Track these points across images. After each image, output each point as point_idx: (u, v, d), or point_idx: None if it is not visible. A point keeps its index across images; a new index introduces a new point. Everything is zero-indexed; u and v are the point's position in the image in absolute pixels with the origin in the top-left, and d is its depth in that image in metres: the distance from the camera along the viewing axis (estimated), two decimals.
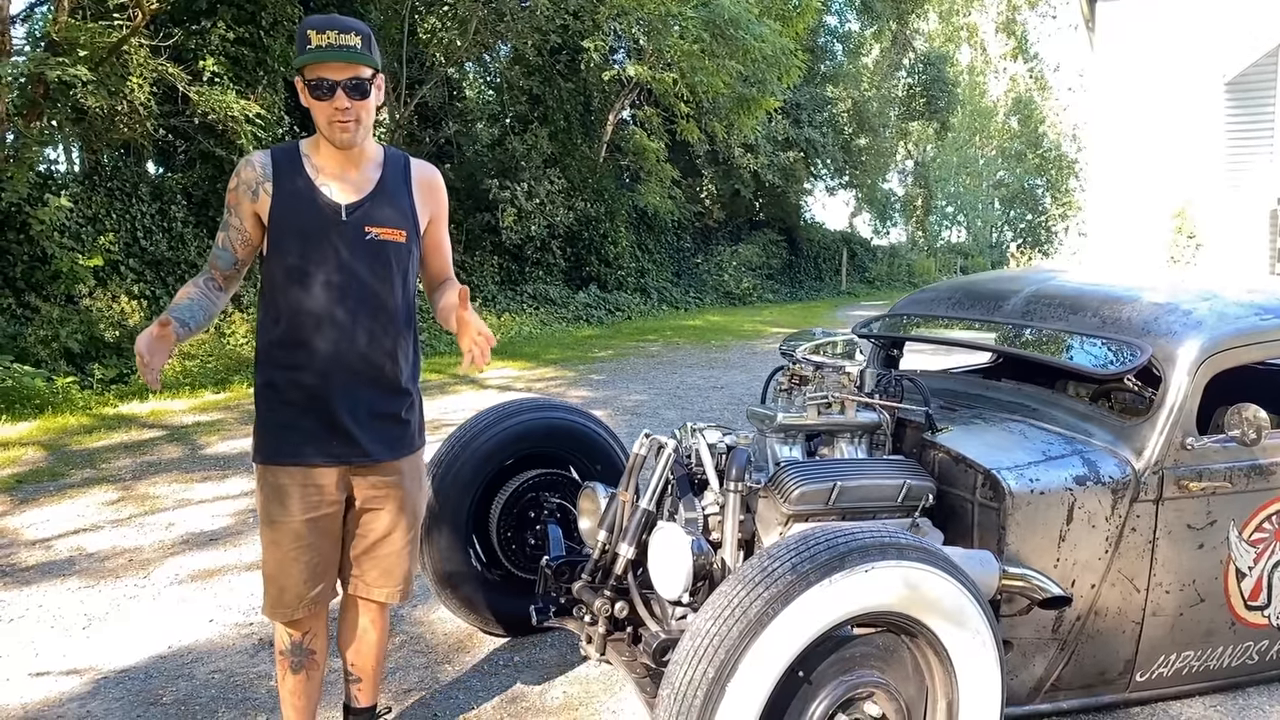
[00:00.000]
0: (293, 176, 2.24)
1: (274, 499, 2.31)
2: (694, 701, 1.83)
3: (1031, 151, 43.99)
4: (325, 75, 2.14)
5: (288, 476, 2.29)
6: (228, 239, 2.30)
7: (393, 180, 2.33)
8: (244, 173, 2.26)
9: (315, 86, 2.15)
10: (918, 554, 2.01)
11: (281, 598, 2.35)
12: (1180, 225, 13.21)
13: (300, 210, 2.23)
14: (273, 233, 2.25)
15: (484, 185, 16.34)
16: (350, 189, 2.27)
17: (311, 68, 2.14)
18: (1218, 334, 2.74)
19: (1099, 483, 2.62)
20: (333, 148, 2.24)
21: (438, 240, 2.49)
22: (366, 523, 2.41)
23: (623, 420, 7.42)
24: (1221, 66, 12.42)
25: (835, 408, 2.79)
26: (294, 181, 2.24)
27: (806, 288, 26.99)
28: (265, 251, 2.30)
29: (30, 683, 3.15)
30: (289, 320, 2.25)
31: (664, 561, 2.42)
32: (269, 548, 2.34)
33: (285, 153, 2.29)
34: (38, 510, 5.06)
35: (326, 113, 2.17)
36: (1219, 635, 2.87)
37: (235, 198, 2.27)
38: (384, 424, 2.34)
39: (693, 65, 15.51)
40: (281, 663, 2.46)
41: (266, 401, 2.32)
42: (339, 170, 2.27)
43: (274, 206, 2.23)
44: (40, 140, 10.23)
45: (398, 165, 2.36)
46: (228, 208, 2.29)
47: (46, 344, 9.14)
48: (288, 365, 2.27)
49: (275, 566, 2.34)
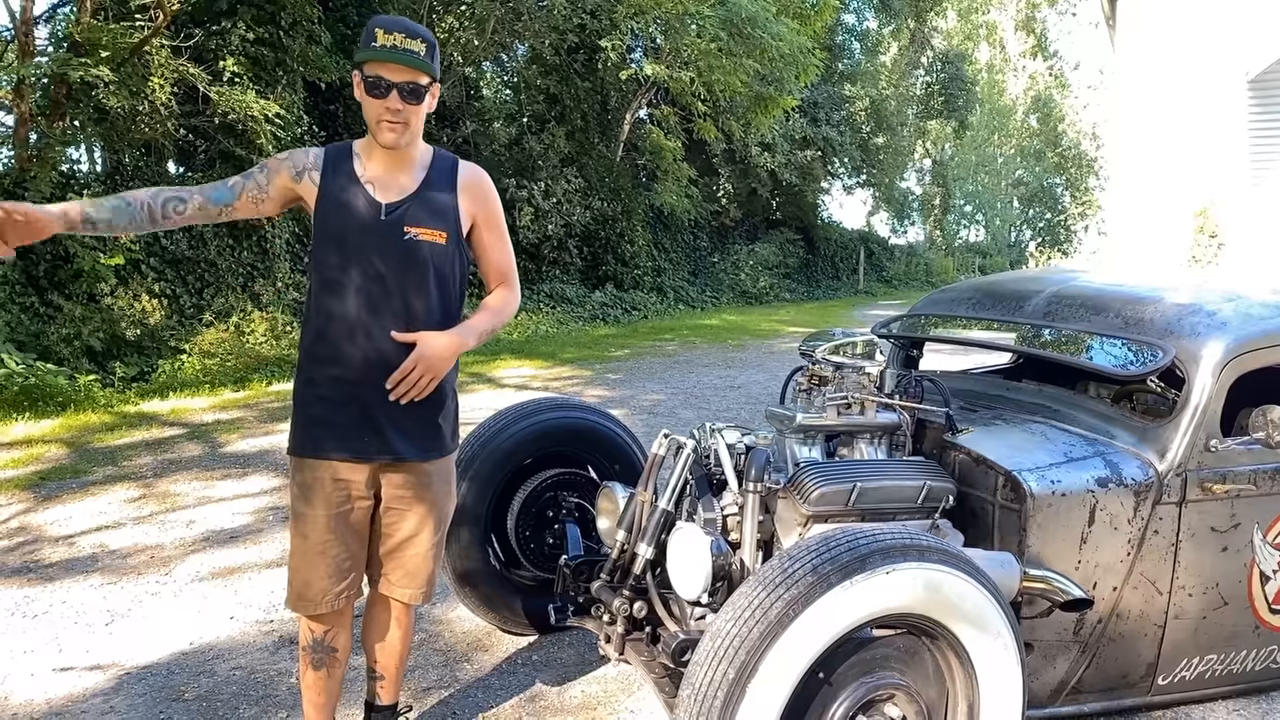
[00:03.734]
0: (340, 173, 2.27)
1: (303, 492, 2.31)
2: (714, 702, 1.83)
3: (1051, 150, 43.72)
4: (384, 75, 2.17)
5: (318, 471, 2.30)
6: (240, 183, 2.29)
7: (438, 182, 2.34)
8: (296, 154, 2.30)
9: (372, 84, 2.18)
10: (938, 556, 2.00)
11: (306, 592, 2.35)
12: (1202, 224, 13.08)
13: (342, 208, 2.26)
14: (317, 229, 2.28)
15: (501, 184, 16.37)
16: (394, 189, 2.28)
17: (371, 65, 2.17)
18: (1242, 335, 2.72)
19: (1121, 484, 2.60)
20: (376, 148, 2.28)
21: (486, 243, 2.48)
22: (393, 523, 2.41)
23: (640, 420, 7.42)
24: (1244, 64, 12.29)
25: (855, 408, 2.79)
26: (340, 178, 2.27)
27: (824, 287, 26.94)
28: (311, 250, 2.32)
29: (54, 678, 3.18)
30: (327, 317, 2.27)
31: (683, 562, 2.42)
32: (296, 541, 2.34)
33: (338, 150, 2.32)
34: (61, 507, 5.11)
35: (377, 111, 2.20)
36: (1242, 639, 2.85)
37: (276, 163, 2.29)
38: (415, 425, 2.34)
39: (710, 64, 15.51)
40: (303, 658, 2.46)
41: (303, 397, 2.31)
42: (385, 170, 2.29)
43: (319, 201, 2.26)
44: (63, 140, 10.34)
45: (444, 167, 2.38)
46: (261, 164, 2.31)
47: (69, 342, 9.24)
48: (326, 361, 2.27)
49: (301, 560, 2.34)
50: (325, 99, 14.40)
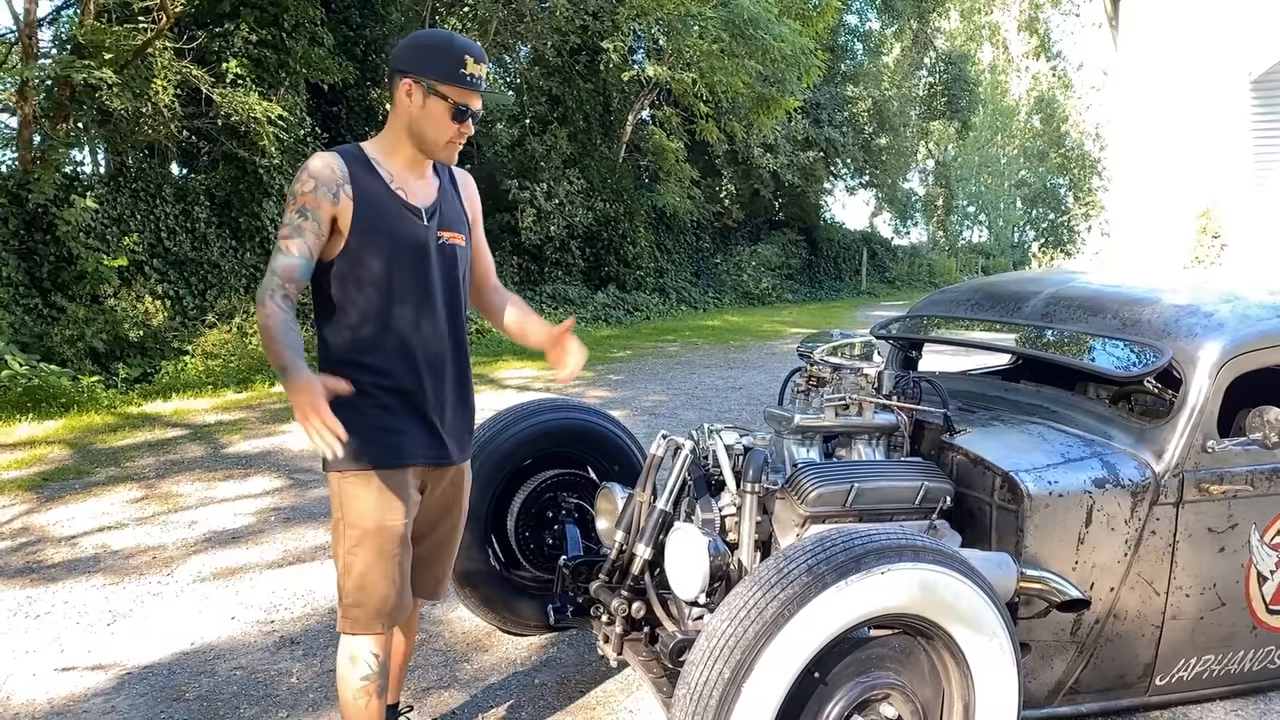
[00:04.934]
0: (369, 180, 2.20)
1: (386, 503, 2.22)
2: (710, 702, 1.84)
3: (1054, 150, 43.69)
4: (469, 104, 2.19)
5: (401, 478, 2.24)
6: (304, 244, 2.11)
7: (448, 186, 2.38)
8: (321, 174, 2.15)
9: (460, 112, 2.19)
10: (933, 556, 2.01)
11: (385, 607, 2.25)
12: (1205, 225, 13.07)
13: (385, 214, 2.20)
14: (355, 237, 2.17)
15: (504, 186, 16.42)
16: (420, 195, 2.28)
17: (460, 92, 2.17)
18: (1239, 336, 2.72)
19: (1118, 485, 2.61)
20: (406, 156, 2.25)
21: (481, 243, 2.52)
22: (434, 524, 2.42)
23: (641, 420, 7.43)
24: (1247, 64, 12.28)
25: (853, 409, 2.79)
26: (372, 185, 2.20)
27: (826, 288, 26.94)
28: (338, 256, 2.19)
29: (56, 678, 3.20)
30: (378, 324, 2.21)
31: (680, 562, 2.42)
32: (374, 556, 2.22)
33: (352, 157, 2.22)
34: (63, 508, 5.13)
35: (451, 133, 2.21)
36: (1240, 639, 2.85)
37: (313, 200, 2.13)
38: (461, 427, 2.37)
39: (712, 65, 15.53)
40: (367, 690, 2.29)
41: (357, 406, 2.16)
42: (409, 176, 2.27)
43: (357, 214, 2.16)
44: (66, 142, 10.38)
45: (446, 171, 2.41)
46: (301, 210, 2.13)
47: (72, 343, 9.27)
48: (380, 371, 2.21)
49: (380, 575, 2.23)
50: (328, 100, 14.44)
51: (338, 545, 2.25)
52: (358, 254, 2.18)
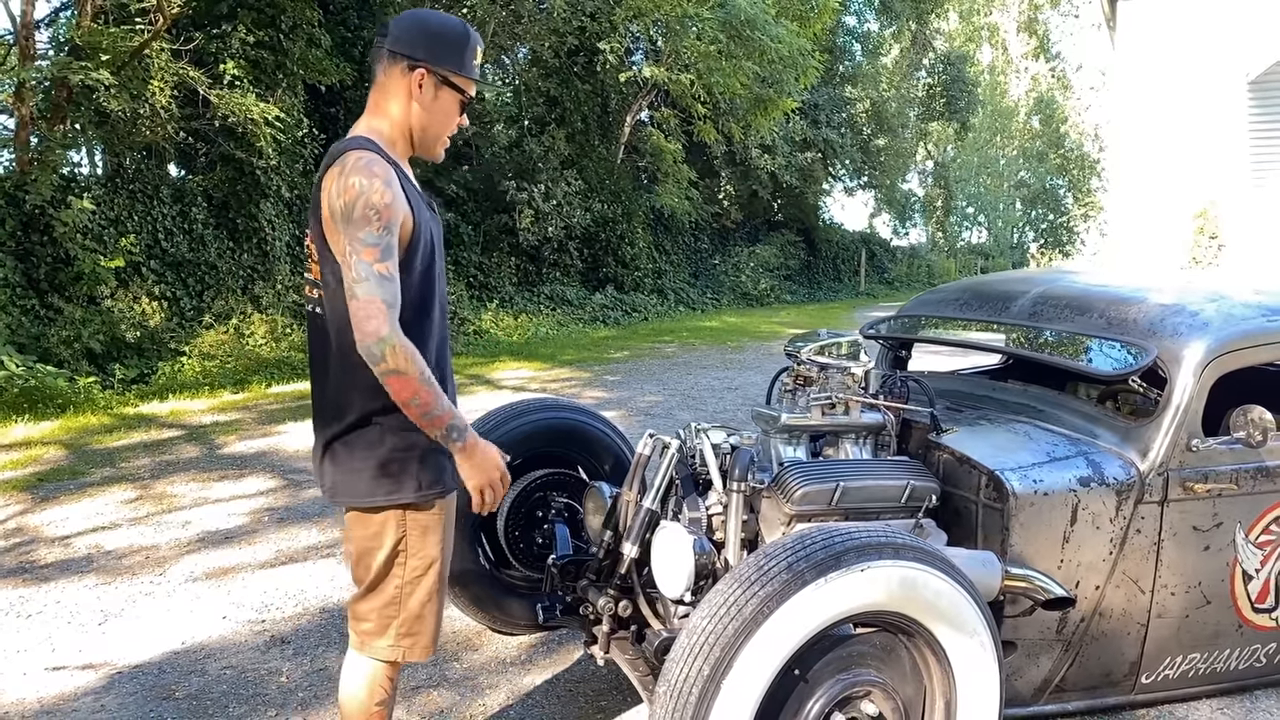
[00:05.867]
0: (406, 185, 2.00)
1: (448, 532, 2.15)
2: (690, 698, 1.85)
3: (1053, 151, 43.71)
4: (470, 94, 2.08)
5: (450, 503, 2.15)
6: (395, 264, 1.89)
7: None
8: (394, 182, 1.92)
9: (464, 104, 2.08)
10: (914, 554, 2.02)
11: (436, 634, 2.17)
12: (1202, 226, 13.09)
13: (424, 217, 2.03)
14: (413, 243, 1.98)
15: (501, 187, 16.42)
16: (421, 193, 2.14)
17: (469, 83, 2.05)
18: (1224, 335, 2.73)
19: (1103, 484, 2.62)
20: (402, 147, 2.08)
21: None
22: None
23: (636, 421, 7.44)
24: (1244, 65, 12.29)
25: (839, 408, 2.80)
26: (407, 184, 2.01)
27: (825, 289, 26.94)
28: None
29: (46, 677, 3.21)
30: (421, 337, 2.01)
31: (666, 560, 2.43)
32: (434, 586, 2.11)
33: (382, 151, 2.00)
34: (58, 508, 5.14)
35: (450, 126, 2.09)
36: (1226, 637, 2.86)
37: (393, 213, 1.88)
38: None
39: (710, 66, 15.54)
40: (380, 714, 2.19)
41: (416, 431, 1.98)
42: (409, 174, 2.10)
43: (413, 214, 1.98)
44: (64, 143, 10.39)
45: None
46: (386, 227, 1.87)
47: (69, 344, 9.27)
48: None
49: (440, 603, 2.15)
50: (326, 102, 14.44)
51: (388, 577, 2.07)
52: (406, 264, 1.96)
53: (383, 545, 2.05)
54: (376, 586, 2.08)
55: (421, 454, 2.02)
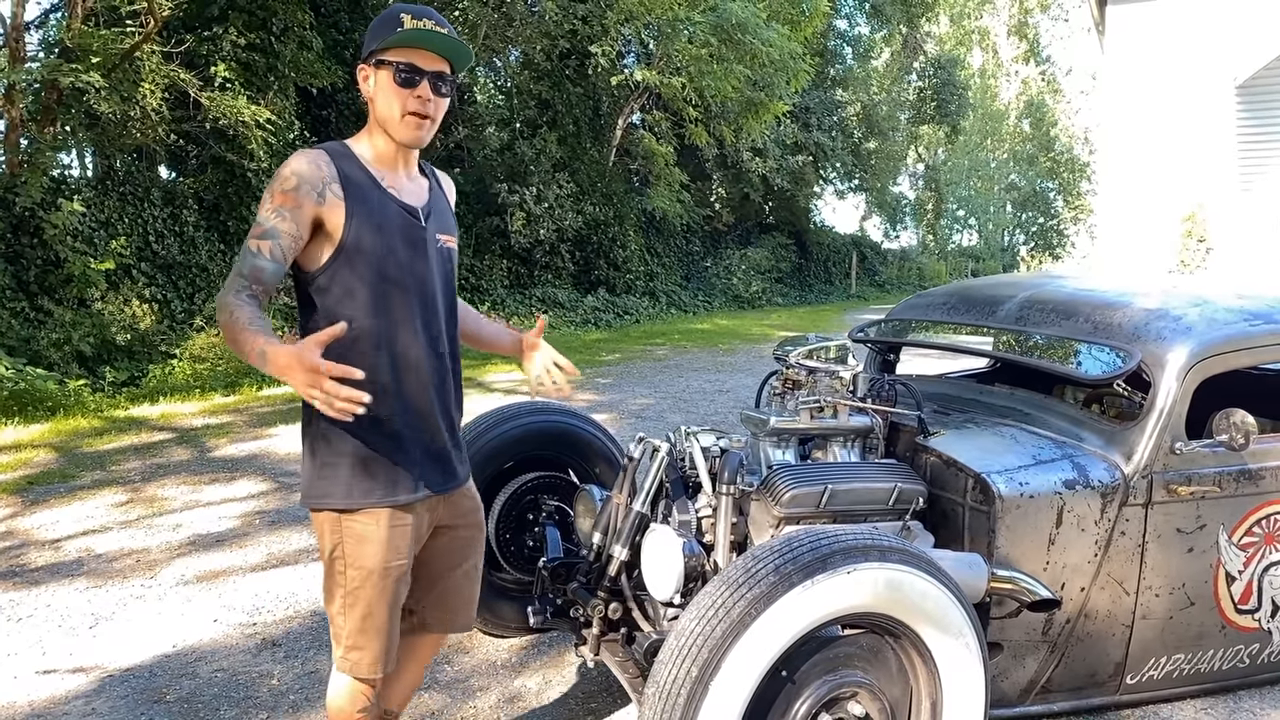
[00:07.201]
0: (359, 178, 1.99)
1: (393, 544, 2.03)
2: (678, 700, 1.87)
3: (1044, 155, 43.91)
4: (416, 62, 1.96)
5: (411, 515, 2.07)
6: (278, 247, 1.91)
7: (435, 185, 2.21)
8: (304, 170, 1.93)
9: (404, 71, 1.95)
10: (900, 556, 2.04)
11: (388, 652, 2.10)
12: (1191, 229, 13.18)
13: (381, 217, 2.00)
14: (349, 242, 1.96)
15: (493, 189, 16.43)
16: (412, 195, 2.09)
17: (401, 51, 1.95)
18: (1206, 339, 2.76)
19: (1088, 487, 2.65)
20: (388, 150, 2.05)
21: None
22: (455, 552, 2.27)
23: (627, 424, 7.45)
24: (1233, 70, 12.39)
25: (828, 412, 2.83)
26: (362, 184, 1.99)
27: (816, 291, 27.01)
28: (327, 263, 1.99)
29: (37, 681, 3.21)
30: (378, 340, 2.00)
31: (656, 563, 2.45)
32: (377, 601, 2.04)
33: (338, 154, 2.01)
34: (48, 511, 5.13)
35: (404, 103, 1.97)
36: (1209, 638, 2.89)
37: (294, 199, 1.91)
38: (459, 446, 2.22)
39: (701, 70, 15.59)
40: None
41: (356, 436, 1.98)
42: (396, 174, 2.07)
43: (350, 216, 1.96)
44: (54, 146, 10.37)
45: (430, 170, 2.24)
46: (278, 211, 1.91)
47: (59, 347, 9.25)
48: (390, 394, 2.02)
49: (384, 620, 2.07)
50: (317, 104, 14.45)
51: (334, 586, 2.05)
52: (351, 260, 1.97)
53: (324, 549, 2.05)
54: (328, 594, 2.08)
55: (357, 460, 1.99)
